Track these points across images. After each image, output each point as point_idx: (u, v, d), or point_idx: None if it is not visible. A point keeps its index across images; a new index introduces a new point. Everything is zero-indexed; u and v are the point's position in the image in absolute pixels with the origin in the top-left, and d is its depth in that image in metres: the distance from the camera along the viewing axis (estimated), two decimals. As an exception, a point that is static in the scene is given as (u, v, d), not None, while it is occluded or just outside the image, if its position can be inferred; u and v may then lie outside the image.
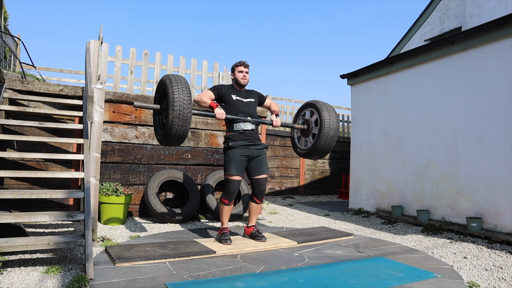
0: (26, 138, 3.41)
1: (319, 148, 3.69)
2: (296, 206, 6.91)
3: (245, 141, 3.45)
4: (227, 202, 3.43)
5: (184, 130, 2.93)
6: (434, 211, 4.95)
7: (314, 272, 2.71)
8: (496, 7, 6.91)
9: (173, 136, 2.96)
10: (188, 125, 2.93)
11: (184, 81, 2.99)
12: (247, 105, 3.57)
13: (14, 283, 2.32)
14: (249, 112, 3.54)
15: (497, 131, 4.25)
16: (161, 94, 3.16)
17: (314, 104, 3.79)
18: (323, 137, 3.62)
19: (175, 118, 2.85)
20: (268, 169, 3.62)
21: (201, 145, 5.35)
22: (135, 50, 5.86)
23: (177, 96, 2.85)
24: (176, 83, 2.92)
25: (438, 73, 5.05)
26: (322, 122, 3.63)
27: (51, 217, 2.75)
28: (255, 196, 3.61)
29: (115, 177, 4.75)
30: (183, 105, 2.86)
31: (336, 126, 3.65)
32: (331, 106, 3.76)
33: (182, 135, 2.97)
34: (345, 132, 10.86)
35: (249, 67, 3.64)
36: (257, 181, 3.56)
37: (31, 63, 6.56)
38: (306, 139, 3.93)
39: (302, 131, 3.96)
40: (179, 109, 2.84)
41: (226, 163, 3.43)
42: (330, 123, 3.62)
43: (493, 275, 2.83)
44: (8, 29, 9.00)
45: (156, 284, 2.36)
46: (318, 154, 3.81)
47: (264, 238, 3.58)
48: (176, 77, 2.99)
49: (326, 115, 3.63)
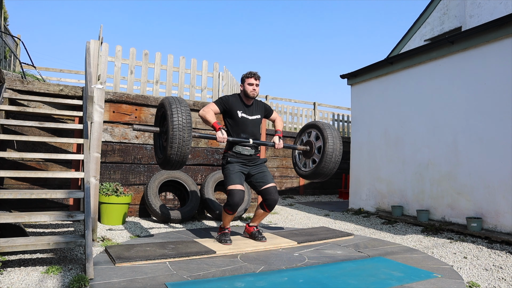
0: (26, 138, 3.41)
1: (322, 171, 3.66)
2: (296, 206, 6.91)
3: (244, 160, 3.42)
4: (231, 213, 3.34)
5: (183, 160, 2.90)
6: (434, 211, 4.95)
7: (314, 272, 2.71)
8: (496, 7, 6.91)
9: (171, 165, 2.94)
10: (187, 157, 2.90)
11: (185, 106, 2.90)
12: (252, 123, 3.47)
13: (14, 283, 2.32)
14: (252, 131, 3.46)
15: (497, 131, 4.25)
16: (161, 116, 3.10)
17: (319, 127, 3.72)
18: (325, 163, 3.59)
19: (173, 154, 2.82)
20: (273, 180, 3.51)
21: (201, 145, 5.35)
22: (135, 50, 5.86)
23: (176, 133, 2.79)
24: (177, 112, 2.83)
25: (438, 73, 5.05)
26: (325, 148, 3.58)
27: (51, 217, 2.74)
28: (266, 206, 3.50)
29: (115, 177, 4.75)
30: (183, 142, 2.81)
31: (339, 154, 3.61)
32: (336, 131, 3.70)
33: (181, 164, 2.95)
34: (345, 132, 10.86)
35: (260, 79, 3.50)
36: (267, 190, 3.43)
37: (31, 63, 6.56)
38: (306, 161, 3.90)
39: (304, 153, 3.94)
40: (177, 146, 2.80)
41: (227, 176, 3.35)
42: (333, 149, 3.57)
43: (493, 275, 2.83)
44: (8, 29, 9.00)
45: (156, 284, 2.36)
46: (318, 178, 3.78)
47: (264, 238, 3.57)
48: (176, 103, 2.89)
49: (330, 141, 3.58)
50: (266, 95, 10.77)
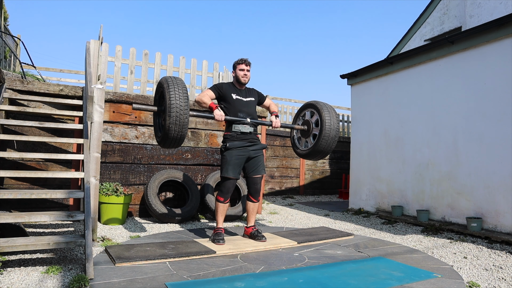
0: (26, 138, 3.41)
1: (320, 149, 3.69)
2: (296, 206, 6.91)
3: (243, 141, 3.46)
4: (222, 199, 3.46)
5: (181, 134, 2.95)
6: (434, 211, 4.95)
7: (314, 272, 2.71)
8: (496, 7, 6.91)
9: (171, 139, 2.99)
10: (186, 129, 2.95)
11: (182, 84, 2.99)
12: (247, 104, 3.56)
13: (14, 283, 2.32)
14: (248, 111, 3.54)
15: (497, 131, 4.25)
16: (159, 96, 3.17)
17: (315, 105, 3.78)
18: (324, 137, 3.62)
19: (172, 123, 2.88)
20: (264, 170, 3.62)
21: (201, 145, 5.36)
22: (135, 50, 5.86)
23: (173, 102, 2.86)
24: (174, 86, 2.91)
25: (438, 73, 5.05)
26: (322, 122, 3.62)
27: (51, 217, 2.75)
28: (250, 194, 3.63)
29: (115, 177, 4.75)
30: (180, 110, 2.87)
31: (336, 127, 3.65)
32: (331, 107, 3.76)
33: (180, 138, 3.00)
34: (345, 132, 10.86)
35: (250, 65, 3.62)
36: (252, 179, 3.58)
37: (31, 63, 6.56)
38: (306, 140, 3.92)
39: (302, 132, 3.96)
40: (175, 115, 2.86)
41: (223, 164, 3.45)
42: (331, 124, 3.61)
43: (493, 275, 2.83)
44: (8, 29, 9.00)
45: (156, 284, 2.36)
46: (319, 155, 3.81)
47: (264, 238, 3.58)
48: (173, 80, 2.99)
49: (327, 115, 3.63)
50: (266, 95, 10.75)
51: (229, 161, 3.41)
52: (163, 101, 3.03)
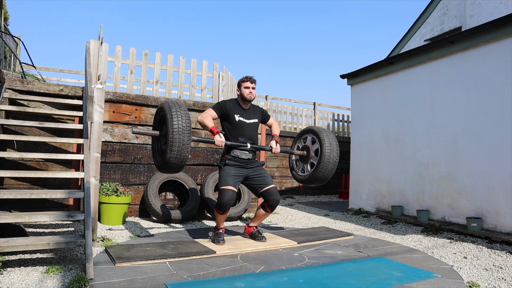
0: (26, 138, 3.41)
1: (317, 177, 3.67)
2: (296, 206, 6.91)
3: (240, 163, 3.43)
4: (221, 212, 3.35)
5: (182, 163, 2.90)
6: (434, 211, 4.95)
7: (314, 272, 2.71)
8: (496, 7, 6.91)
9: (171, 168, 2.94)
10: (187, 156, 2.90)
11: (185, 111, 2.91)
12: (249, 127, 3.50)
13: (14, 283, 2.32)
14: (250, 135, 3.50)
15: (497, 131, 4.25)
16: (160, 119, 3.10)
17: (317, 133, 3.74)
18: (322, 168, 3.59)
19: (173, 157, 2.82)
20: (272, 182, 3.53)
21: (201, 145, 5.35)
22: (135, 50, 5.86)
23: (176, 134, 2.78)
24: (177, 115, 2.83)
25: (438, 73, 5.05)
26: (322, 154, 3.59)
27: (51, 217, 2.74)
28: (268, 206, 3.52)
29: (115, 177, 4.75)
30: (183, 144, 2.81)
31: (336, 158, 3.61)
32: (333, 136, 3.72)
33: (180, 166, 2.95)
34: (345, 132, 10.86)
35: (255, 83, 3.56)
36: (268, 191, 3.45)
37: (31, 63, 6.56)
38: (304, 165, 3.92)
39: (301, 157, 3.95)
40: (177, 148, 2.80)
41: (222, 177, 3.36)
42: (330, 156, 3.58)
43: (493, 275, 2.83)
44: (8, 29, 9.00)
45: (156, 284, 2.36)
46: (315, 183, 3.79)
47: (264, 238, 3.57)
48: (176, 107, 2.90)
49: (327, 147, 3.59)
50: (266, 95, 10.77)
51: (228, 173, 3.34)
52: (164, 126, 2.96)
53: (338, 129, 10.88)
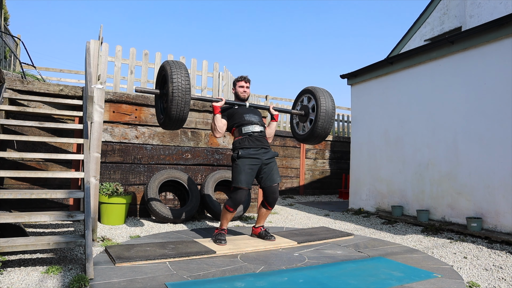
0: (26, 138, 3.41)
1: (317, 132, 3.72)
2: (296, 206, 6.91)
3: (255, 148, 3.42)
4: (232, 210, 3.37)
5: (183, 114, 3.00)
6: (434, 211, 4.95)
7: (314, 272, 2.71)
8: (496, 7, 6.91)
9: (173, 119, 3.03)
10: (187, 109, 2.99)
11: (183, 67, 3.04)
12: (250, 109, 3.61)
13: (14, 283, 2.32)
14: (254, 112, 3.59)
15: (497, 131, 4.25)
16: (161, 79, 3.20)
17: (311, 90, 3.83)
18: (320, 121, 3.66)
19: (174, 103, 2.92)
20: (279, 178, 3.56)
21: (201, 145, 5.36)
22: (135, 50, 5.86)
23: (176, 82, 2.92)
24: (176, 69, 2.98)
25: (438, 73, 5.05)
26: (318, 108, 3.68)
27: (51, 217, 2.74)
28: (267, 203, 3.57)
29: (115, 177, 4.75)
30: (182, 90, 2.92)
31: (332, 112, 3.69)
32: (327, 92, 3.81)
33: (181, 119, 3.04)
34: (345, 132, 10.86)
35: (250, 82, 3.70)
36: (270, 189, 3.50)
37: (31, 63, 6.56)
38: (304, 125, 3.96)
39: (300, 117, 4.00)
40: (177, 94, 2.91)
41: (235, 173, 3.34)
42: (326, 108, 3.66)
43: (493, 275, 2.83)
44: (8, 29, 9.00)
45: (156, 284, 2.36)
46: (317, 139, 3.83)
47: (273, 237, 3.60)
48: (175, 63, 3.05)
49: (323, 100, 3.67)
50: (266, 95, 10.78)
51: (242, 170, 3.31)
52: (165, 84, 3.07)
53: (338, 129, 10.88)
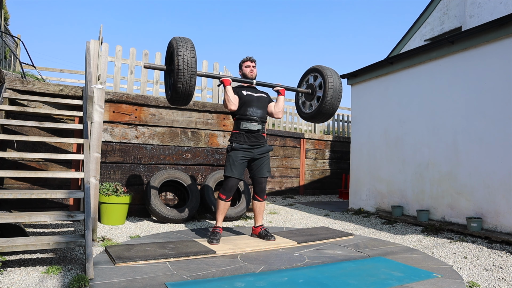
0: (26, 138, 3.41)
1: (325, 108, 3.71)
2: (296, 206, 6.91)
3: (249, 143, 3.51)
4: (224, 197, 3.48)
5: (190, 87, 3.03)
6: (434, 211, 4.95)
7: (314, 272, 2.71)
8: (496, 7, 6.91)
9: (180, 93, 3.06)
10: (194, 82, 3.03)
11: (190, 42, 3.08)
12: (257, 99, 3.63)
13: (14, 283, 2.32)
14: (258, 106, 3.61)
15: (497, 131, 4.25)
16: (169, 56, 3.24)
17: (318, 69, 3.83)
18: (328, 97, 3.65)
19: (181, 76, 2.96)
20: (269, 172, 3.68)
21: (201, 145, 5.35)
22: (135, 50, 5.86)
23: (181, 55, 2.95)
24: (182, 44, 3.02)
25: (438, 73, 5.05)
26: (326, 83, 3.67)
27: (51, 217, 2.74)
28: (256, 194, 3.68)
29: (115, 177, 4.75)
30: (188, 64, 2.96)
31: (339, 88, 3.69)
32: (334, 70, 3.81)
33: (188, 93, 3.08)
34: (345, 132, 10.86)
35: (255, 62, 3.73)
36: (257, 180, 3.66)
37: (31, 63, 6.56)
38: (310, 103, 3.95)
39: (306, 96, 3.99)
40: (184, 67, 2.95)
41: (227, 164, 3.51)
42: (334, 84, 3.66)
43: (493, 275, 2.83)
44: (8, 29, 9.00)
45: (156, 284, 2.36)
46: (324, 116, 3.83)
47: (273, 237, 3.61)
48: (181, 39, 3.10)
49: (330, 77, 3.68)
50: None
51: (234, 161, 3.47)
52: (172, 60, 3.11)
53: (338, 129, 10.88)
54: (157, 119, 5.04)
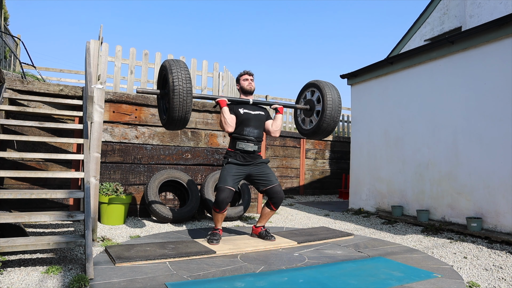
0: (26, 138, 3.41)
1: (326, 121, 3.66)
2: (296, 206, 6.91)
3: (244, 162, 3.46)
4: (218, 210, 3.38)
5: (185, 114, 2.98)
6: (434, 211, 4.95)
7: (314, 272, 2.71)
8: (496, 7, 6.91)
9: (175, 121, 3.02)
10: (189, 109, 2.98)
11: (184, 66, 3.01)
12: (254, 118, 3.54)
13: (14, 283, 2.32)
14: (255, 126, 3.53)
15: (497, 131, 4.25)
16: (163, 79, 3.19)
17: (315, 83, 3.78)
18: (328, 110, 3.59)
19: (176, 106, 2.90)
20: (276, 180, 3.57)
21: (201, 145, 5.36)
22: (135, 50, 5.86)
23: (176, 84, 2.89)
24: (176, 69, 2.95)
25: (438, 73, 5.05)
26: (324, 97, 3.62)
27: (51, 217, 2.75)
28: (272, 204, 3.57)
29: (115, 177, 4.75)
30: (183, 92, 2.90)
31: (338, 100, 3.64)
32: (331, 84, 3.77)
33: (184, 120, 3.03)
34: (345, 132, 10.86)
35: (253, 75, 3.68)
36: (272, 189, 3.51)
37: (31, 63, 6.56)
38: (310, 119, 3.91)
39: (305, 112, 3.94)
40: (179, 96, 2.89)
41: (222, 175, 3.40)
42: (332, 97, 3.62)
43: (493, 275, 2.83)
44: (8, 29, 9.00)
45: (156, 284, 2.36)
46: (325, 130, 3.74)
47: (273, 237, 3.60)
48: (175, 63, 3.01)
49: (328, 91, 3.63)
50: (266, 95, 10.77)
51: (229, 173, 3.38)
52: (166, 84, 3.06)
53: (338, 129, 10.88)
54: (157, 119, 5.04)
